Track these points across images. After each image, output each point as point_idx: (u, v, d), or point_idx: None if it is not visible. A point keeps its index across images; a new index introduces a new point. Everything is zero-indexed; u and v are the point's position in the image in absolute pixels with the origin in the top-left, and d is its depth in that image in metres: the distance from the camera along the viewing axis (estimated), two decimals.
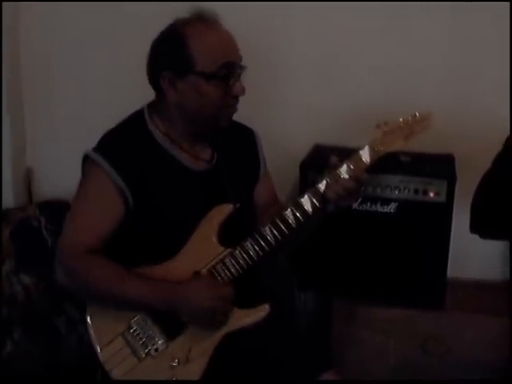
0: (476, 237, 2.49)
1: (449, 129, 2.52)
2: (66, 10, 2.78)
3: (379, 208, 2.45)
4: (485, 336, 2.51)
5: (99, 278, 1.83)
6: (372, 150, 1.82)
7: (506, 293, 2.67)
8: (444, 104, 2.57)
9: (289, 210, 1.85)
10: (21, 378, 2.37)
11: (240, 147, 2.06)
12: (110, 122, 1.96)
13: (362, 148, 1.83)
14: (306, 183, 2.44)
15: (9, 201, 2.76)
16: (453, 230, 2.48)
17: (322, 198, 1.84)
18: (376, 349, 2.54)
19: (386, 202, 2.45)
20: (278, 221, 1.85)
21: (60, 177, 2.87)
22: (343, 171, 1.83)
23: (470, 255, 2.77)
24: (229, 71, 1.84)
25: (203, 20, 1.86)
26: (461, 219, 2.53)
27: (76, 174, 1.95)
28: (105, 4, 2.75)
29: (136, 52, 1.94)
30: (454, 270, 2.59)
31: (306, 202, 1.84)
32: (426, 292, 2.50)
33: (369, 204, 2.45)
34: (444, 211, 2.43)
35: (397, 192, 2.44)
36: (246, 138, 2.10)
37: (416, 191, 2.43)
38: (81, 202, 1.91)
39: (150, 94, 1.98)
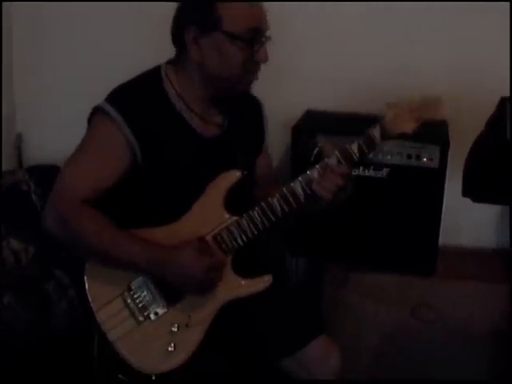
0: (469, 203, 2.49)
1: (443, 94, 2.49)
2: None
3: (372, 173, 2.43)
4: (476, 303, 2.51)
5: (90, 230, 1.78)
6: (383, 130, 1.81)
7: (497, 260, 2.68)
8: (438, 70, 2.54)
9: (297, 181, 1.84)
10: (11, 342, 2.37)
11: (249, 117, 2.06)
12: (103, 87, 1.90)
13: (373, 127, 1.82)
14: (297, 148, 2.42)
15: None
16: (445, 196, 2.47)
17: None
18: (367, 314, 2.54)
19: (378, 166, 2.42)
20: (286, 192, 1.83)
21: (50, 142, 2.85)
22: (354, 149, 1.82)
23: (463, 222, 2.77)
24: (255, 36, 1.82)
25: None
26: (454, 185, 2.52)
27: (66, 138, 1.92)
28: None
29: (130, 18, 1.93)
30: (445, 237, 2.58)
31: (313, 172, 1.83)
32: (417, 258, 2.49)
33: (361, 169, 2.43)
34: (437, 177, 2.40)
35: (389, 157, 2.41)
36: (254, 109, 2.10)
37: (409, 156, 2.40)
38: (84, 150, 1.85)
39: (144, 60, 1.94)
